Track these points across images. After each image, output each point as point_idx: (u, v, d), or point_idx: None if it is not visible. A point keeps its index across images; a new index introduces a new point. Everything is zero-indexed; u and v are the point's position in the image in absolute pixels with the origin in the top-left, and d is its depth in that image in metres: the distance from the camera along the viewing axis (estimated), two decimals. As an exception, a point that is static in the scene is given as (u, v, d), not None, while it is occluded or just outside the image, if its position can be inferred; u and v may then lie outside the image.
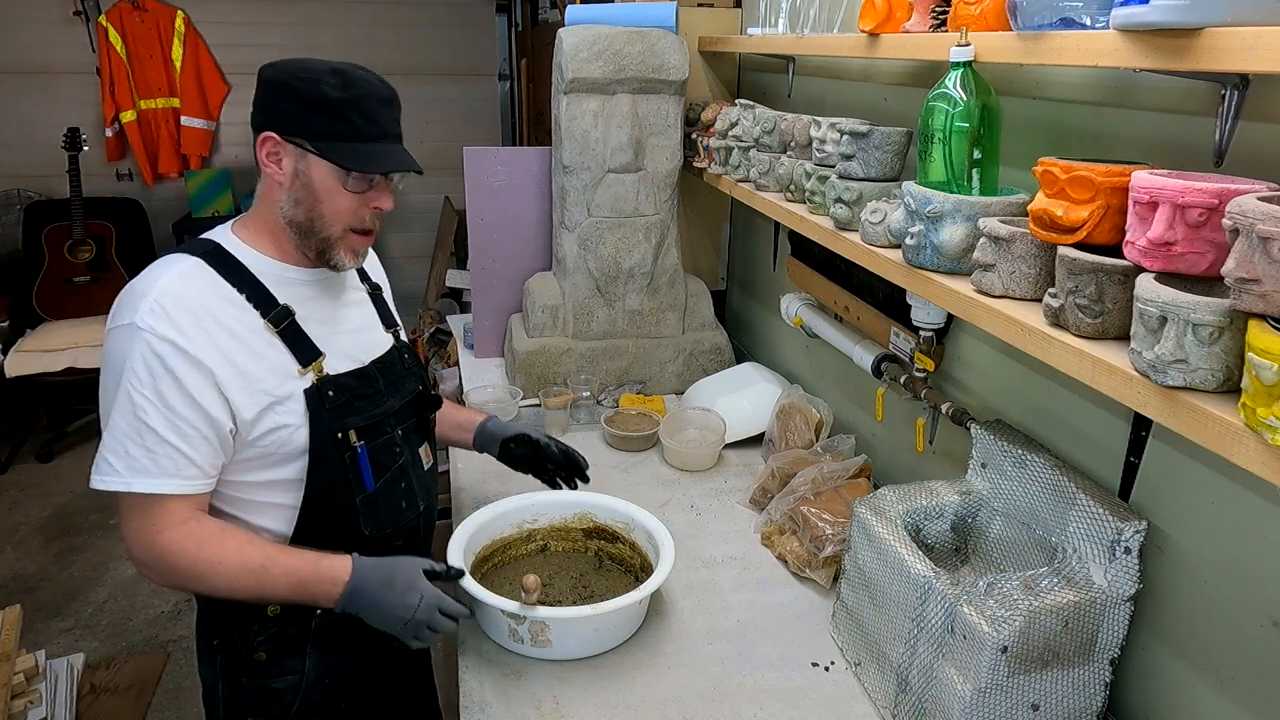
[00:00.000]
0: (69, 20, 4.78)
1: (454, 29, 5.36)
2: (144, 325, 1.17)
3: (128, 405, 1.18)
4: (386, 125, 1.28)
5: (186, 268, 1.25)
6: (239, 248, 1.30)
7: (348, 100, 1.23)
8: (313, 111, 1.23)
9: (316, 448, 1.29)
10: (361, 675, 1.45)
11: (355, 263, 1.35)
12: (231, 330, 1.23)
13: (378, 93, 1.27)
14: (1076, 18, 1.00)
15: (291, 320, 1.29)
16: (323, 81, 1.23)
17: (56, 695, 2.49)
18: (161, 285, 1.20)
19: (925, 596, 1.23)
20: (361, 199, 1.29)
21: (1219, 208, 0.83)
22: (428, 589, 1.29)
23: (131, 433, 1.18)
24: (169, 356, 1.17)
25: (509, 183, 2.56)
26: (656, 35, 2.26)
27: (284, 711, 1.38)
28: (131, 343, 1.18)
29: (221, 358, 1.21)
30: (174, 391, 1.18)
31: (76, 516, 3.77)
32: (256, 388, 1.24)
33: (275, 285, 1.30)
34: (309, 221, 1.28)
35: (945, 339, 1.63)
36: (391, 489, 1.39)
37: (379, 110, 1.27)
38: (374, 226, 1.34)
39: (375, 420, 1.36)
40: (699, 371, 2.47)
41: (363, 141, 1.26)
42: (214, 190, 5.07)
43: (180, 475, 1.20)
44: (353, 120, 1.24)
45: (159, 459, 1.18)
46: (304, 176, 1.26)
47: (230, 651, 1.36)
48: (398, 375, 1.44)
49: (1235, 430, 0.79)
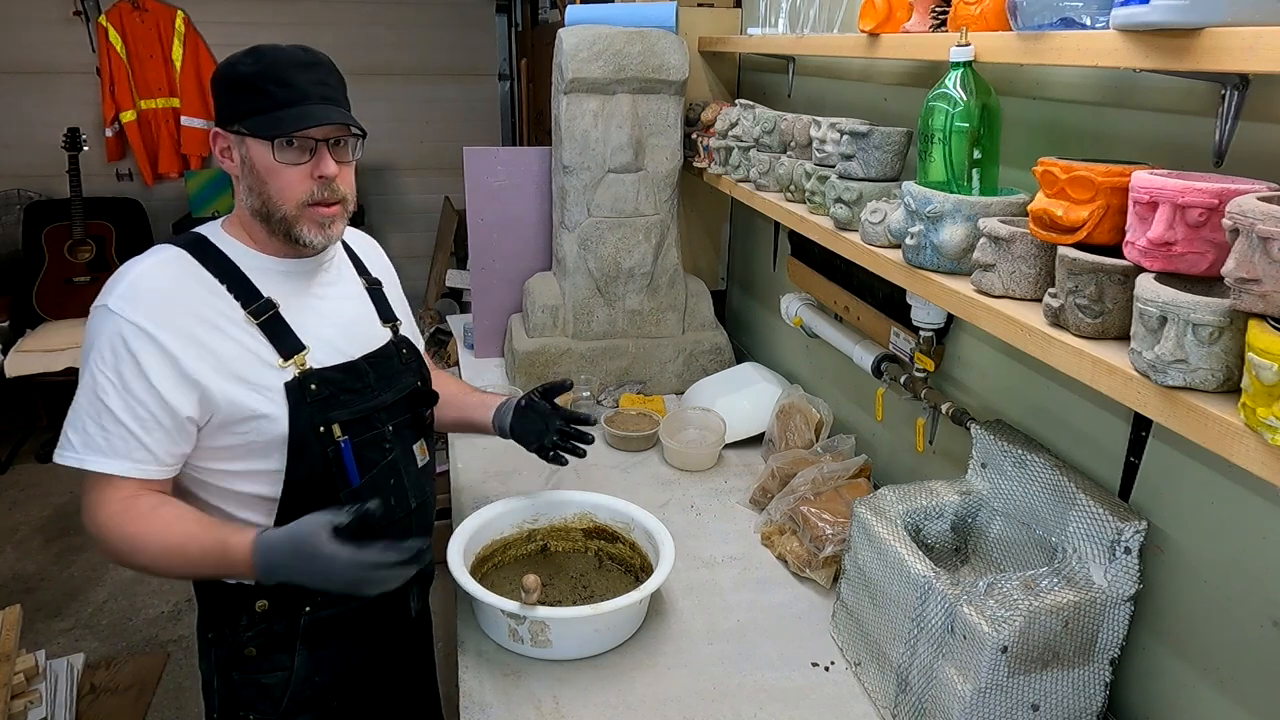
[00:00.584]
0: (69, 20, 4.78)
1: (454, 29, 5.36)
2: (115, 308, 1.20)
3: (91, 384, 1.21)
4: (306, 88, 1.25)
5: (167, 256, 1.27)
6: (224, 240, 1.32)
7: (260, 71, 1.24)
8: (235, 93, 1.25)
9: (297, 440, 1.28)
10: (355, 676, 1.45)
11: (326, 237, 1.31)
12: (204, 317, 1.24)
13: (293, 58, 1.25)
14: (1076, 18, 1.00)
15: (274, 313, 1.29)
16: (239, 63, 1.25)
17: (56, 695, 2.50)
18: (138, 270, 1.24)
19: (925, 596, 1.23)
20: (303, 170, 1.26)
21: (1219, 208, 0.83)
22: (336, 552, 1.16)
23: (91, 411, 1.21)
24: (133, 339, 1.19)
25: (509, 183, 2.56)
26: (656, 35, 2.26)
27: (274, 707, 1.38)
28: (102, 324, 1.21)
29: (189, 341, 1.22)
30: (134, 374, 1.20)
31: (76, 516, 3.76)
32: (230, 372, 1.24)
33: (261, 277, 1.30)
34: (264, 206, 1.28)
35: (945, 339, 1.63)
36: (379, 485, 1.38)
37: (295, 74, 1.24)
38: (329, 196, 1.29)
39: (363, 415, 1.35)
40: (699, 371, 2.47)
41: (280, 108, 1.23)
42: (214, 190, 5.07)
43: (131, 458, 1.21)
44: (268, 90, 1.23)
45: (112, 439, 1.20)
46: (248, 162, 1.27)
47: (223, 646, 1.37)
48: (393, 370, 1.43)
49: (1235, 430, 0.79)
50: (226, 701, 1.39)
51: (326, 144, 1.27)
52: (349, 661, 1.43)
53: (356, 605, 1.39)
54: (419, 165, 5.46)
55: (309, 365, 1.30)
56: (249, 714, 1.38)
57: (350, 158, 1.32)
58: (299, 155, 1.25)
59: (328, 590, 1.21)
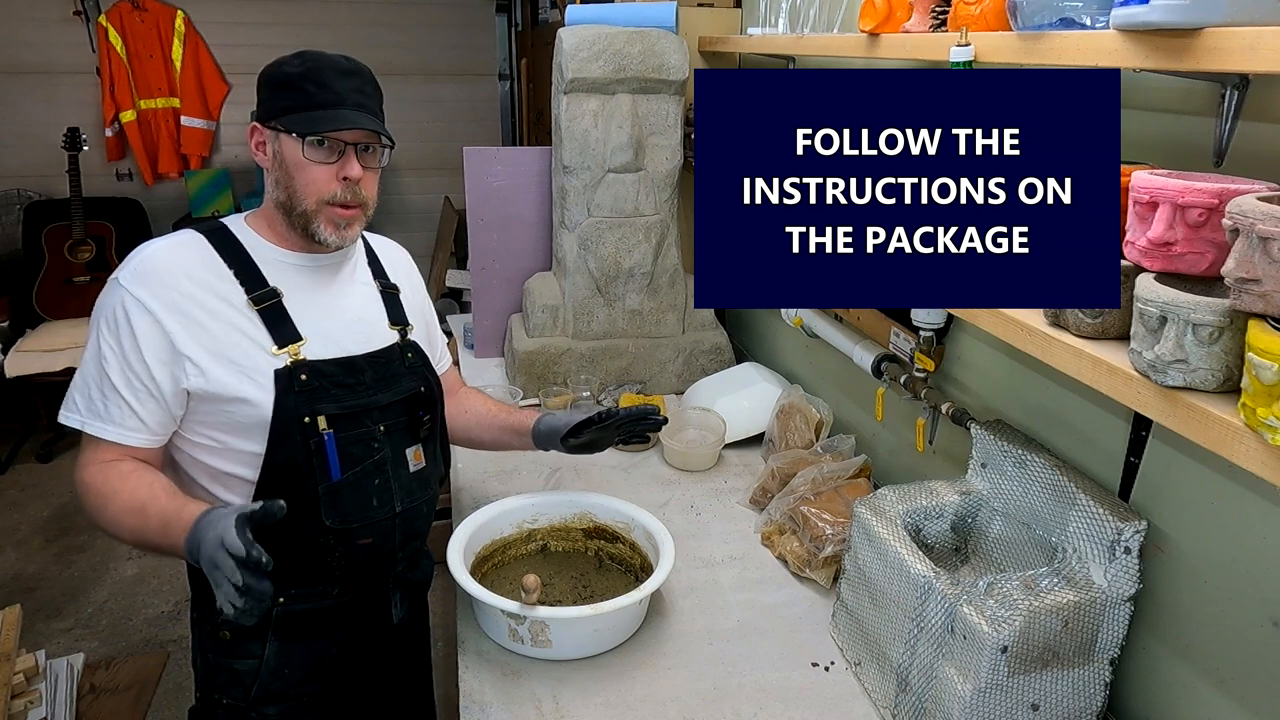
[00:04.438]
0: (69, 20, 4.78)
1: (454, 29, 5.36)
2: (123, 282, 1.28)
3: (96, 352, 1.29)
4: (344, 93, 1.31)
5: (182, 239, 1.35)
6: (244, 231, 1.38)
7: (303, 73, 1.31)
8: (276, 90, 1.32)
9: (280, 427, 1.31)
10: (328, 673, 1.45)
11: (340, 238, 1.36)
12: (205, 299, 1.30)
13: (335, 64, 1.33)
14: (1076, 18, 1.00)
15: (276, 302, 1.34)
16: (285, 64, 1.33)
17: (56, 695, 2.49)
18: (150, 249, 1.31)
19: (925, 596, 1.23)
20: (330, 170, 1.32)
21: (1219, 208, 0.83)
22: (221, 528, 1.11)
23: (95, 378, 1.29)
24: (134, 313, 1.26)
25: (509, 183, 2.56)
26: (656, 35, 2.26)
27: (244, 694, 1.40)
28: (110, 297, 1.29)
29: (185, 319, 1.28)
30: (131, 347, 1.27)
31: (76, 516, 3.77)
32: (222, 354, 1.29)
33: (272, 268, 1.36)
34: (288, 198, 1.34)
35: (945, 339, 1.63)
36: (362, 483, 1.37)
37: (336, 79, 1.31)
38: (350, 199, 1.34)
39: (352, 411, 1.36)
40: (699, 371, 2.47)
41: (316, 109, 1.30)
42: (214, 190, 5.07)
43: (124, 426, 1.29)
44: (307, 89, 1.30)
45: (110, 406, 1.29)
46: (279, 156, 1.33)
47: (204, 625, 1.42)
48: (394, 373, 1.44)
49: (1235, 430, 0.79)
50: (204, 682, 1.44)
51: (355, 148, 1.33)
52: (321, 659, 1.43)
53: (330, 603, 1.41)
54: (419, 165, 5.46)
55: (302, 356, 1.33)
56: (222, 698, 1.41)
57: (376, 165, 1.39)
58: (328, 155, 1.32)
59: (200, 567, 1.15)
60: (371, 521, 1.39)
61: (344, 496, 1.36)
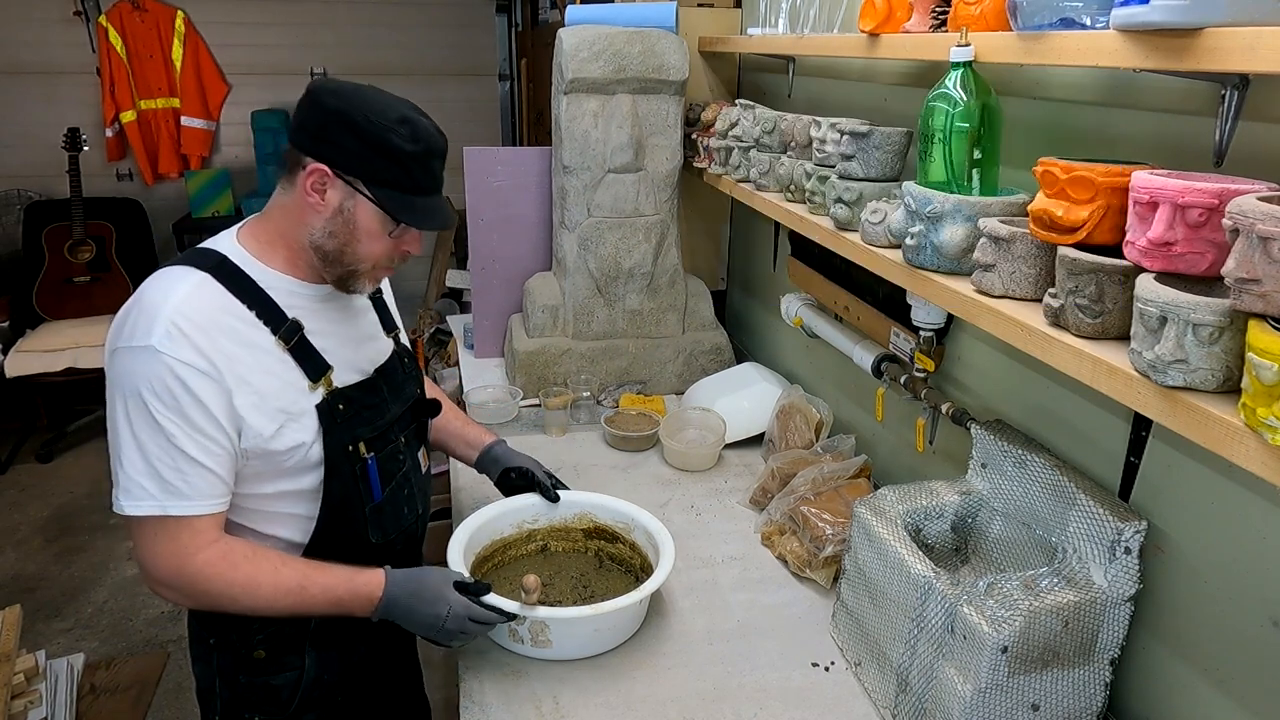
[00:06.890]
0: (69, 20, 4.78)
1: (454, 29, 5.36)
2: (163, 349, 1.15)
3: (154, 429, 1.17)
4: (439, 178, 1.29)
5: (193, 282, 1.21)
6: (246, 260, 1.27)
7: (416, 154, 1.23)
8: (379, 158, 1.22)
9: (330, 461, 1.30)
10: (358, 672, 1.46)
11: (371, 288, 1.36)
12: (245, 350, 1.22)
13: (439, 147, 1.27)
14: (1076, 18, 1.00)
15: (301, 335, 1.28)
16: (393, 131, 1.21)
17: (56, 695, 2.49)
18: (174, 304, 1.18)
19: (925, 596, 1.23)
20: (396, 244, 1.30)
21: (1219, 208, 0.83)
22: (456, 600, 1.31)
23: (163, 455, 1.17)
24: (191, 380, 1.17)
25: (509, 183, 2.56)
26: (656, 35, 2.26)
27: (282, 708, 1.39)
28: (150, 366, 1.16)
29: (239, 379, 1.21)
30: (200, 414, 1.18)
31: (76, 516, 3.77)
32: (272, 406, 1.24)
33: (283, 298, 1.28)
34: (339, 254, 1.27)
35: (945, 339, 1.63)
36: (396, 497, 1.41)
37: (436, 164, 1.28)
38: (399, 265, 1.35)
39: (381, 430, 1.37)
40: (699, 371, 2.47)
41: (417, 195, 1.26)
42: (214, 190, 5.07)
43: (213, 495, 1.21)
44: (414, 174, 1.24)
45: (191, 480, 1.19)
46: (348, 214, 1.25)
47: (229, 650, 1.37)
48: (398, 381, 1.45)
49: (1235, 430, 0.79)
50: (230, 705, 1.40)
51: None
52: (351, 658, 1.44)
53: None
54: (419, 165, 5.45)
55: (335, 385, 1.31)
56: (255, 715, 1.39)
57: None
58: (402, 232, 1.29)
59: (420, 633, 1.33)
60: (403, 530, 1.43)
61: (385, 513, 1.39)
